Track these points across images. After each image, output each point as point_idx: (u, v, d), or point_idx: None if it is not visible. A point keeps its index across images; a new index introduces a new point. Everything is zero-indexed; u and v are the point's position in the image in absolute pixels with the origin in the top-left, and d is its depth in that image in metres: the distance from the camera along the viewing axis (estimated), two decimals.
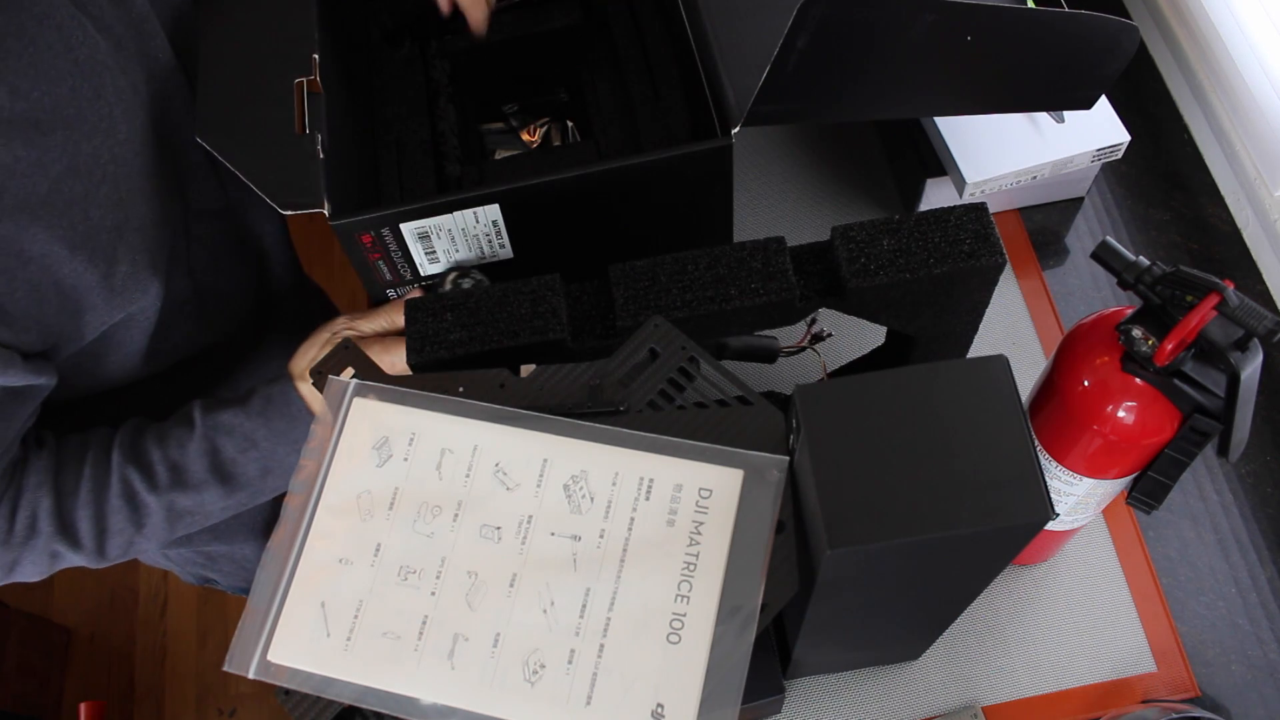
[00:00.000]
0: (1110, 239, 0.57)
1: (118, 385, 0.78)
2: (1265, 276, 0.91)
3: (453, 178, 0.80)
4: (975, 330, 0.71)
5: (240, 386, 0.83)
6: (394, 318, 0.71)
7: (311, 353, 0.72)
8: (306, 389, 0.72)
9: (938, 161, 0.90)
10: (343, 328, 0.71)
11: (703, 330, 0.62)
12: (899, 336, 0.71)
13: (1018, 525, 0.45)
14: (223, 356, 0.88)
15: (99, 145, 0.65)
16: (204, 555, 0.97)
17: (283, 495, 0.91)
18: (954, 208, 0.63)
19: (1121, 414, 0.57)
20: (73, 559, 0.73)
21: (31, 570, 0.72)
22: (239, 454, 0.73)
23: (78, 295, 0.66)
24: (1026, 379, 0.84)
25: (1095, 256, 0.57)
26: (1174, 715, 0.70)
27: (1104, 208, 0.96)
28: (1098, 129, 0.88)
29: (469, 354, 0.59)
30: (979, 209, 0.63)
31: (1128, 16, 1.05)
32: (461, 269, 0.72)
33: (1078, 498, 0.66)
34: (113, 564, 0.75)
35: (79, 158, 0.64)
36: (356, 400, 0.54)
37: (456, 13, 0.80)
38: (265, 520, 0.93)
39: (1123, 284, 0.56)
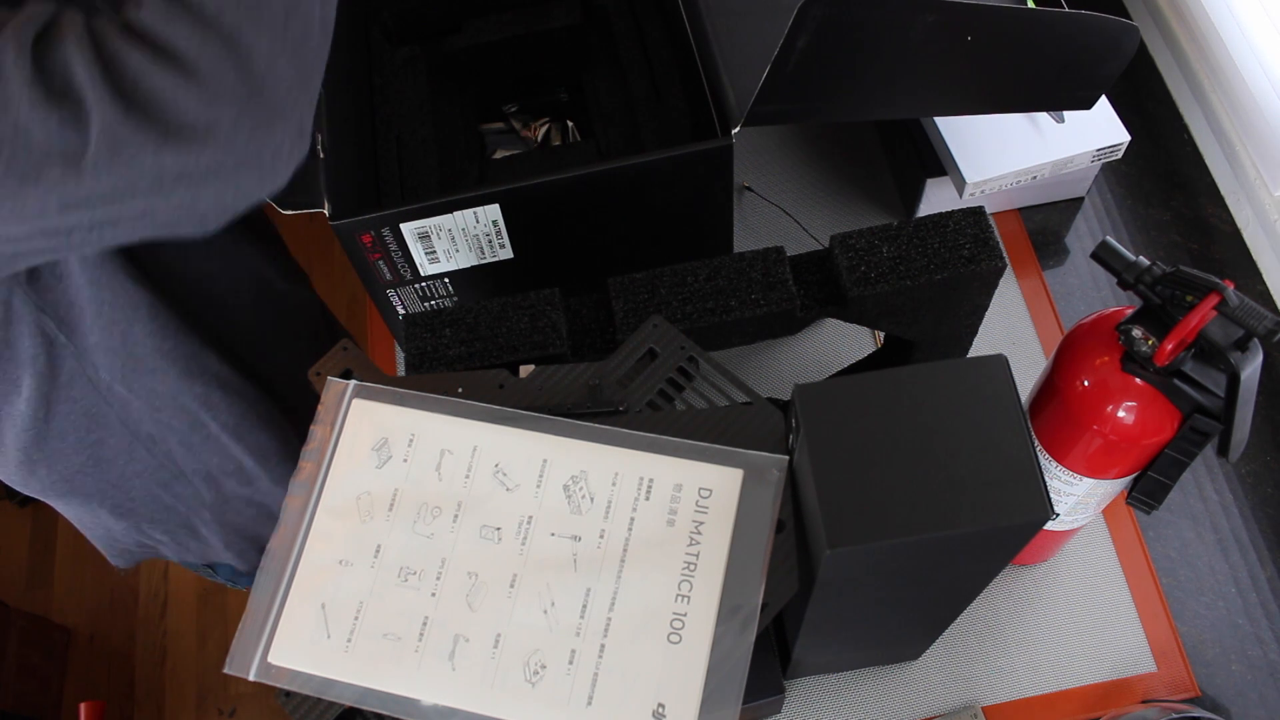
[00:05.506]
0: (1110, 239, 0.57)
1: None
2: (1265, 276, 0.91)
3: (453, 178, 0.80)
4: (975, 332, 0.71)
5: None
6: None
7: None
8: None
9: (938, 162, 0.90)
10: None
11: (704, 342, 0.62)
12: (899, 340, 0.71)
13: (1018, 525, 0.45)
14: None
15: None
16: None
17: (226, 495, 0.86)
18: (952, 212, 0.63)
19: (1121, 414, 0.57)
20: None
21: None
22: None
23: None
24: (1026, 379, 0.84)
25: (1095, 256, 0.57)
26: (1174, 715, 0.70)
27: (1104, 208, 0.96)
28: (1098, 129, 0.88)
29: (469, 370, 0.59)
30: (977, 213, 0.63)
31: (1128, 16, 1.05)
32: None
33: (1078, 498, 0.66)
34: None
35: None
36: (356, 401, 0.54)
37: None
38: (167, 506, 0.91)
39: (1123, 284, 0.56)
